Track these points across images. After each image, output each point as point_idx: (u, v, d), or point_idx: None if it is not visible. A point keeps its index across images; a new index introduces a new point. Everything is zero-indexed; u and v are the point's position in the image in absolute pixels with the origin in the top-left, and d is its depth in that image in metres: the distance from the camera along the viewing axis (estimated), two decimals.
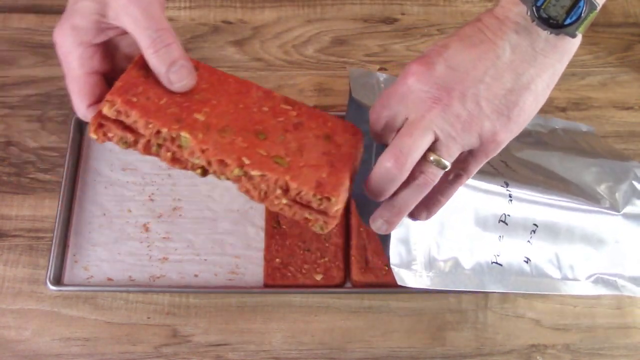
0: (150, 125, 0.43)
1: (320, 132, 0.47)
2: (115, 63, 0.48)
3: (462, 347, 0.64)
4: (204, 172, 0.45)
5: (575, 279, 0.55)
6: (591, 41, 0.79)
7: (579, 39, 0.41)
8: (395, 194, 0.44)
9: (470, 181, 0.48)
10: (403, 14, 0.82)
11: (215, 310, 0.65)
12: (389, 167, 0.42)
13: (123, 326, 0.64)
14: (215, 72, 0.48)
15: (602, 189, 0.58)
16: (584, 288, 0.55)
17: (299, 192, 0.43)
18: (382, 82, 0.61)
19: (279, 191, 0.43)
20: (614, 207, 0.56)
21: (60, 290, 0.65)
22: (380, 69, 0.77)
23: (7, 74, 0.76)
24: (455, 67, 0.41)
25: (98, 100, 0.46)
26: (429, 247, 0.50)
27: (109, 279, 0.66)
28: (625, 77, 0.78)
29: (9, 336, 0.64)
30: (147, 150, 0.45)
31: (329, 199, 0.43)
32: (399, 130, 0.44)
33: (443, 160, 0.42)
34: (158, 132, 0.43)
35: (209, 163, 0.44)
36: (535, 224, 0.53)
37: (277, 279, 0.64)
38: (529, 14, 0.40)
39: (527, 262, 0.53)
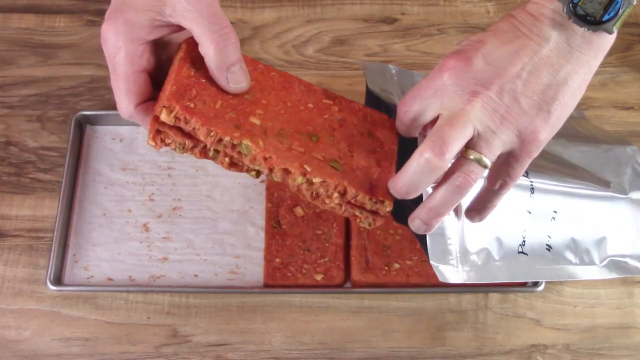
0: (212, 134, 0.43)
1: (363, 129, 0.48)
2: (161, 61, 0.47)
3: (462, 347, 0.64)
4: (258, 174, 0.45)
5: (591, 263, 0.55)
6: None
7: (614, 35, 0.41)
8: (433, 195, 0.43)
9: None
10: (403, 14, 0.82)
11: (215, 310, 0.65)
12: (429, 158, 0.40)
13: (123, 326, 0.64)
14: (257, 66, 0.48)
15: (607, 172, 0.58)
16: (598, 272, 0.56)
17: (355, 196, 0.45)
18: (395, 75, 0.60)
19: (335, 195, 0.45)
20: (621, 190, 0.57)
21: (60, 290, 0.65)
22: None
23: (7, 74, 0.76)
24: (492, 62, 0.41)
25: (146, 100, 0.45)
26: (461, 239, 0.49)
27: (109, 279, 0.66)
28: (625, 77, 0.78)
29: (9, 336, 0.64)
30: (204, 155, 0.45)
31: (382, 202, 0.45)
32: (427, 125, 0.43)
33: (484, 158, 0.41)
34: (220, 139, 0.43)
35: (271, 170, 0.44)
36: (555, 211, 0.53)
37: (277, 279, 0.64)
38: (565, 10, 0.40)
39: (548, 249, 0.53)
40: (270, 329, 0.65)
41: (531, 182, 0.53)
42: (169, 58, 0.48)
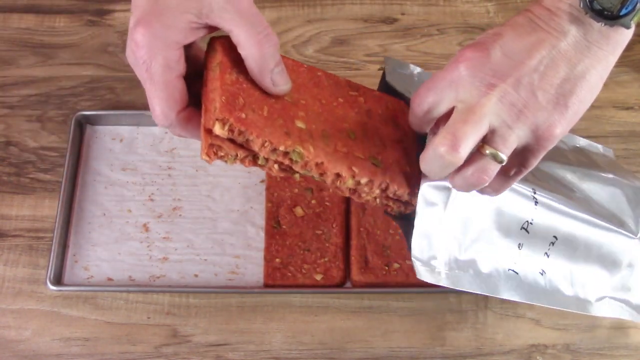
0: (267, 144, 0.42)
1: (388, 117, 0.49)
2: (194, 65, 0.46)
3: (462, 347, 0.64)
4: (302, 175, 0.46)
5: (585, 299, 0.54)
6: None
7: (632, 30, 0.40)
8: (450, 180, 0.43)
9: None
10: (403, 14, 0.82)
11: (215, 310, 0.65)
12: (443, 153, 0.40)
13: (123, 326, 0.64)
14: (287, 62, 0.48)
15: (621, 211, 0.57)
16: (592, 309, 0.54)
17: (395, 191, 0.46)
18: (416, 76, 0.60)
19: (377, 191, 0.46)
20: (632, 231, 0.56)
21: (60, 290, 0.65)
22: (380, 69, 0.77)
23: (7, 74, 0.77)
24: (510, 55, 0.40)
25: (185, 106, 0.43)
26: (450, 245, 0.49)
27: (109, 279, 0.66)
28: (625, 77, 0.78)
29: (9, 336, 0.64)
30: (252, 163, 0.45)
31: (416, 193, 0.46)
32: (440, 118, 0.43)
33: (500, 153, 0.41)
34: (274, 149, 0.43)
35: (322, 174, 0.45)
36: (555, 236, 0.52)
37: (277, 279, 0.64)
38: (581, 5, 0.39)
39: (542, 274, 0.52)
40: (270, 329, 0.65)
41: (535, 198, 0.52)
42: (192, 57, 0.46)
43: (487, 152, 0.41)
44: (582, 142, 0.65)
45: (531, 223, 0.51)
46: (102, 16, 0.80)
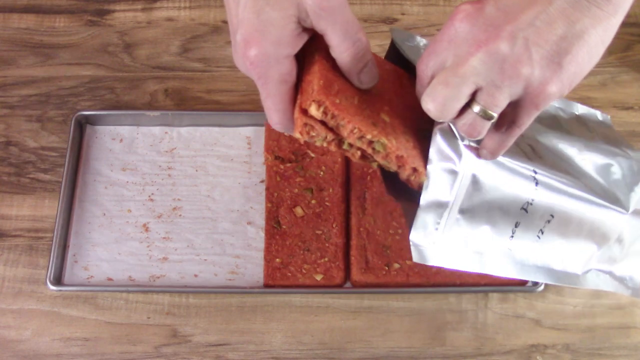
0: (355, 131, 0.44)
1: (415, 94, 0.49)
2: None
3: (462, 347, 0.64)
4: (379, 166, 0.48)
5: (573, 273, 0.55)
6: None
7: None
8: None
9: (501, 158, 0.48)
10: (403, 14, 0.82)
11: (215, 310, 0.65)
12: (430, 109, 0.41)
13: (123, 326, 0.65)
14: (375, 58, 0.49)
15: (616, 185, 0.58)
16: (579, 281, 0.55)
17: None
18: (422, 48, 0.59)
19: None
20: (624, 206, 0.56)
21: (60, 290, 0.65)
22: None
23: (7, 74, 0.77)
24: (505, 9, 0.39)
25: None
26: (449, 221, 0.49)
27: (109, 279, 0.66)
28: (625, 77, 0.78)
29: (9, 336, 0.64)
30: (337, 147, 0.46)
31: None
32: None
33: (489, 111, 0.40)
34: (361, 136, 0.45)
35: (400, 167, 0.46)
36: (552, 215, 0.53)
37: (277, 279, 0.64)
38: None
39: (534, 251, 0.53)
40: (270, 329, 0.65)
41: (536, 179, 0.52)
42: None
43: (475, 109, 0.40)
44: (580, 109, 0.64)
45: (531, 204, 0.51)
46: (102, 16, 0.80)
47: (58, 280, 0.65)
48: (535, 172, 0.51)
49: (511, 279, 0.53)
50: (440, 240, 0.49)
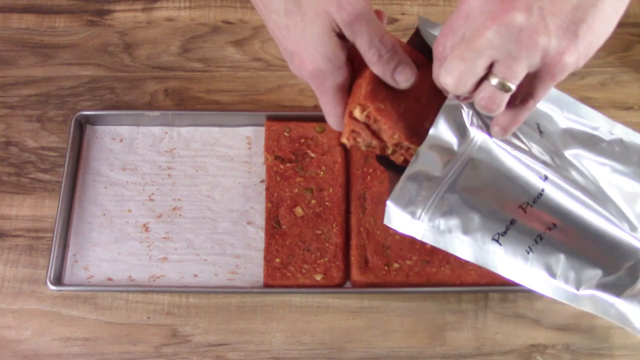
0: (395, 136, 0.46)
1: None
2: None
3: (462, 347, 0.64)
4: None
5: (569, 289, 0.52)
6: None
7: None
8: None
9: (513, 151, 0.48)
10: (403, 14, 0.82)
11: (215, 310, 0.65)
12: (448, 84, 0.41)
13: (123, 326, 0.65)
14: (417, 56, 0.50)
15: (637, 216, 0.55)
16: (574, 300, 0.52)
17: None
18: None
19: None
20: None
21: (60, 290, 0.65)
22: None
23: (7, 74, 0.77)
24: None
25: None
26: (437, 198, 0.49)
27: (109, 279, 0.66)
28: (625, 77, 0.78)
29: (9, 336, 0.64)
30: (382, 151, 0.49)
31: None
32: None
33: (507, 83, 0.40)
34: (399, 143, 0.47)
35: None
36: (554, 223, 0.51)
37: (277, 279, 0.64)
38: None
39: (528, 252, 0.51)
40: (270, 329, 0.65)
41: (547, 174, 0.50)
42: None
43: (493, 82, 0.40)
44: (625, 133, 0.61)
45: (531, 205, 0.50)
46: (102, 16, 0.80)
47: (58, 280, 0.65)
48: (546, 178, 0.50)
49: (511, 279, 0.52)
50: (419, 214, 0.48)
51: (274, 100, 0.75)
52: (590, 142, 0.57)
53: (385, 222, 0.48)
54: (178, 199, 0.70)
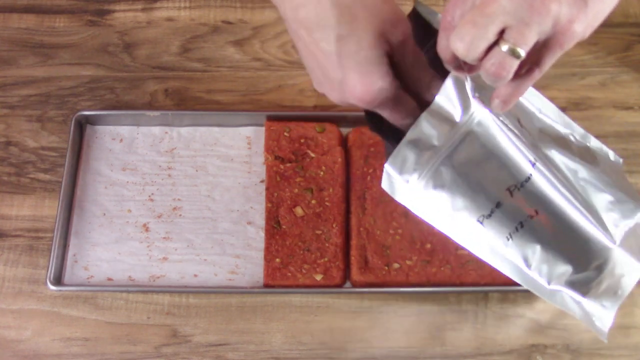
0: None
1: None
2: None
3: (461, 347, 0.64)
4: None
5: (540, 282, 0.53)
6: (590, 41, 0.79)
7: None
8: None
9: (508, 133, 0.48)
10: None
11: (215, 310, 0.65)
12: (459, 49, 0.40)
13: (123, 326, 0.65)
14: None
15: (608, 215, 0.56)
16: (543, 292, 0.53)
17: None
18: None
19: None
20: (612, 239, 0.55)
21: (60, 290, 0.65)
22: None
23: (7, 74, 0.77)
24: None
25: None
26: (432, 168, 0.48)
27: (109, 279, 0.66)
28: (625, 77, 0.78)
29: (9, 336, 0.64)
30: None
31: None
32: None
33: (518, 49, 0.39)
34: None
35: None
36: (536, 210, 0.51)
37: (277, 279, 0.64)
38: None
39: (508, 239, 0.52)
40: (270, 329, 0.65)
41: (536, 163, 0.50)
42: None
43: (504, 48, 0.40)
44: (594, 143, 0.63)
45: (519, 188, 0.50)
46: (102, 16, 0.80)
47: (58, 280, 0.65)
48: (535, 164, 0.51)
49: (511, 279, 0.53)
50: (414, 182, 0.48)
51: (274, 100, 0.75)
52: (564, 144, 0.58)
53: (383, 185, 0.48)
54: (178, 199, 0.70)
